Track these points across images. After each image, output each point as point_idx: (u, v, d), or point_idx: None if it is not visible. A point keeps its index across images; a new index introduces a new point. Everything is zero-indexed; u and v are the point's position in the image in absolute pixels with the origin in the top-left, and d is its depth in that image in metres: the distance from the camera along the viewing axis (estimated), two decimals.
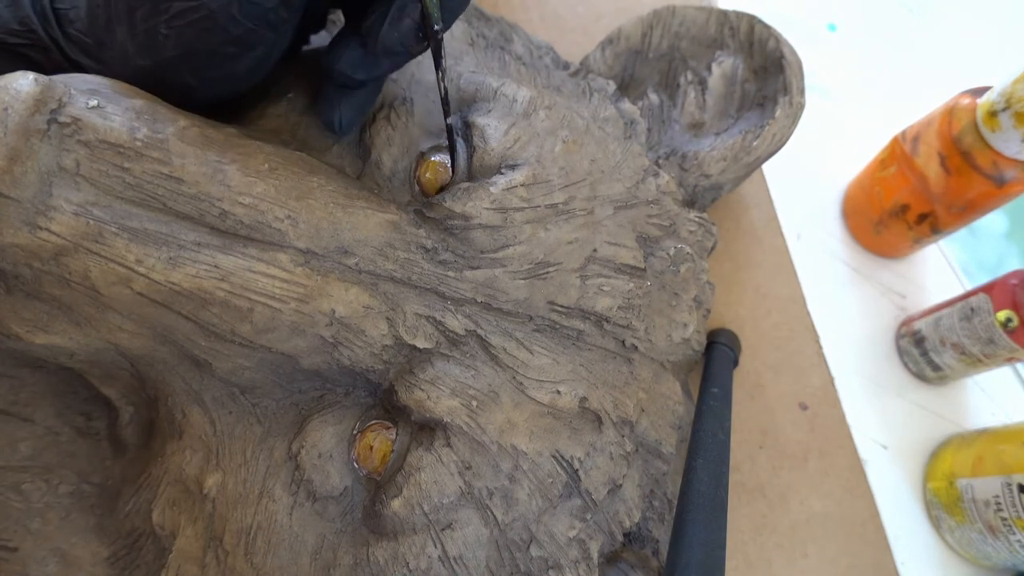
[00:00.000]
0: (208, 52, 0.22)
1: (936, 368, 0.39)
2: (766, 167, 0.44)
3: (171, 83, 0.23)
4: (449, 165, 0.27)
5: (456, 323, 0.25)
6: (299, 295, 0.22)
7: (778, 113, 0.33)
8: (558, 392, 0.25)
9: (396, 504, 0.23)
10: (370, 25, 0.23)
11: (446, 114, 0.26)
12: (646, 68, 0.39)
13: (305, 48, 0.30)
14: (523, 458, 0.24)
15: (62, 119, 0.20)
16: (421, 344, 0.24)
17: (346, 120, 0.26)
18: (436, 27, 0.23)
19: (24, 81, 0.19)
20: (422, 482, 0.23)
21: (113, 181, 0.20)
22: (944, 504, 0.36)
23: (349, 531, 0.24)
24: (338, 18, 0.32)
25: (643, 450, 0.29)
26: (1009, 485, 0.32)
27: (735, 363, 0.37)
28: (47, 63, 0.23)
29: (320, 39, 0.31)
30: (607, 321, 0.27)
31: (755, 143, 0.33)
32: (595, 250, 0.27)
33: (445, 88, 0.25)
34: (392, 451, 0.24)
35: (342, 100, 0.26)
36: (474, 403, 0.24)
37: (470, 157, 0.27)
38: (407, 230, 0.25)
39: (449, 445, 0.23)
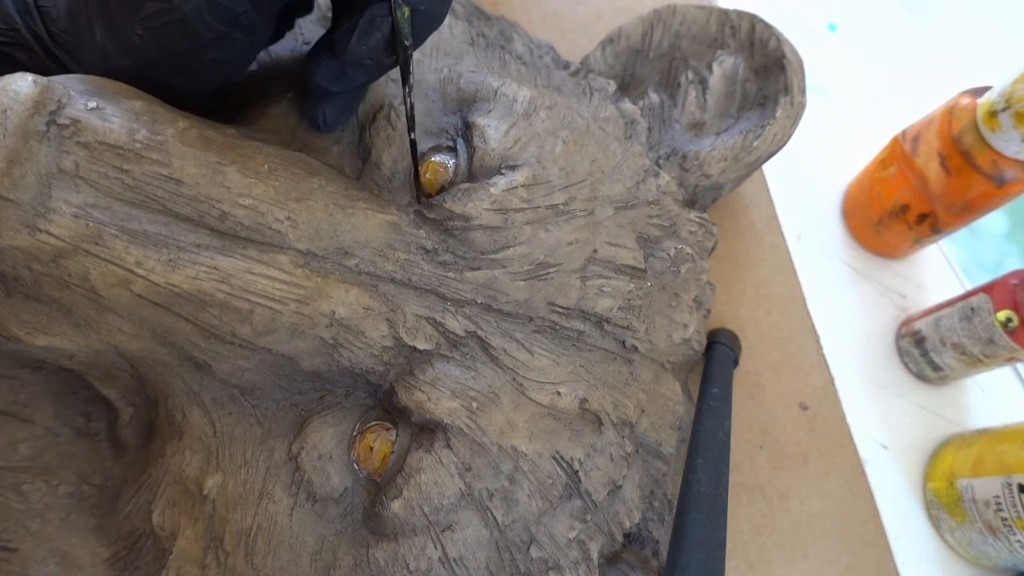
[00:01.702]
0: (185, 53, 0.22)
1: (936, 368, 0.39)
2: (766, 167, 0.44)
3: (154, 83, 0.23)
4: (449, 165, 0.27)
5: (456, 324, 0.25)
6: (299, 296, 0.22)
7: (779, 113, 0.33)
8: (558, 393, 0.25)
9: (396, 505, 0.23)
10: (341, 35, 0.22)
11: (411, 129, 0.25)
12: (647, 67, 0.39)
13: (305, 46, 0.30)
14: (523, 459, 0.24)
15: (61, 121, 0.20)
16: (421, 345, 0.24)
17: (330, 119, 0.26)
18: (406, 43, 0.22)
19: (23, 83, 0.19)
20: (422, 483, 0.23)
21: (112, 183, 0.20)
22: (944, 504, 0.36)
23: (349, 532, 0.24)
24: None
25: (643, 451, 0.29)
26: (1009, 485, 0.32)
27: (735, 363, 0.37)
28: (30, 63, 0.23)
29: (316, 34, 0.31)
30: (607, 322, 0.27)
31: (756, 143, 0.33)
32: (595, 251, 0.27)
33: (411, 104, 0.25)
34: (392, 452, 0.24)
35: (325, 101, 0.26)
36: (474, 404, 0.24)
37: (470, 157, 0.27)
38: (407, 231, 0.25)
39: (449, 446, 0.23)
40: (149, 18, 0.21)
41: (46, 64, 0.23)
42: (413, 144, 0.26)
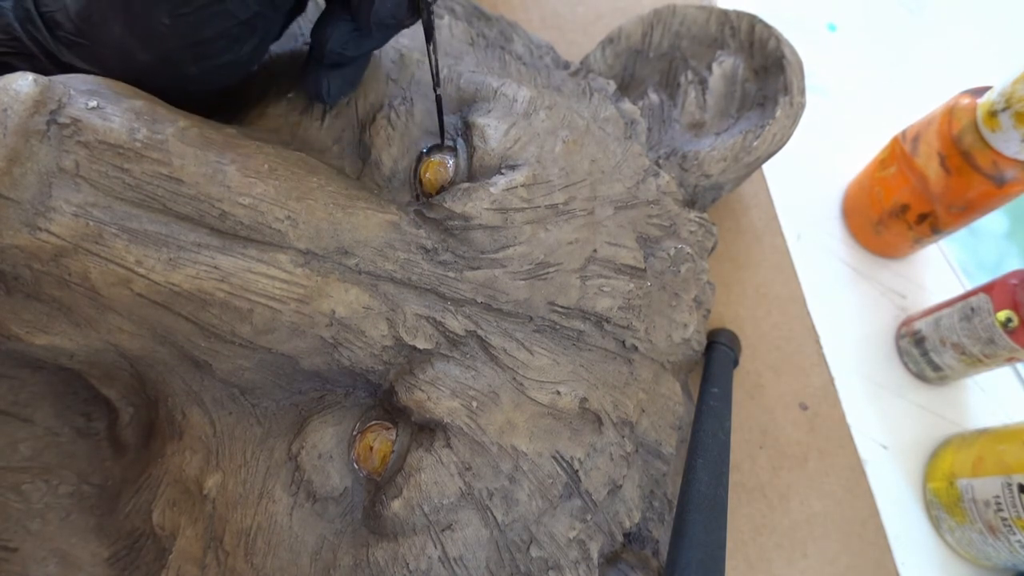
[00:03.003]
0: (212, 39, 0.22)
1: (936, 368, 0.39)
2: (766, 167, 0.44)
3: (172, 76, 0.23)
4: (449, 165, 0.27)
5: (456, 324, 0.25)
6: (299, 296, 0.22)
7: (779, 113, 0.33)
8: (558, 393, 0.25)
9: (396, 505, 0.23)
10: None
11: (436, 84, 0.26)
12: (646, 67, 0.39)
13: (305, 47, 0.30)
14: (523, 459, 0.24)
15: (61, 120, 0.20)
16: (421, 345, 0.24)
17: (334, 90, 0.26)
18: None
19: (23, 82, 0.19)
20: (422, 483, 0.23)
21: (113, 182, 0.20)
22: (944, 504, 0.36)
23: (349, 532, 0.24)
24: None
25: (643, 451, 0.29)
26: (1009, 485, 0.32)
27: (735, 363, 0.36)
28: (32, 71, 0.23)
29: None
30: (607, 322, 0.27)
31: (756, 143, 0.33)
32: (595, 250, 0.27)
33: (436, 60, 0.25)
34: (392, 452, 0.24)
35: (332, 71, 0.26)
36: (474, 404, 0.24)
37: (470, 157, 0.27)
38: (407, 230, 0.25)
39: (449, 446, 0.23)
40: (181, 4, 0.21)
41: (50, 71, 0.23)
42: (439, 99, 0.26)
